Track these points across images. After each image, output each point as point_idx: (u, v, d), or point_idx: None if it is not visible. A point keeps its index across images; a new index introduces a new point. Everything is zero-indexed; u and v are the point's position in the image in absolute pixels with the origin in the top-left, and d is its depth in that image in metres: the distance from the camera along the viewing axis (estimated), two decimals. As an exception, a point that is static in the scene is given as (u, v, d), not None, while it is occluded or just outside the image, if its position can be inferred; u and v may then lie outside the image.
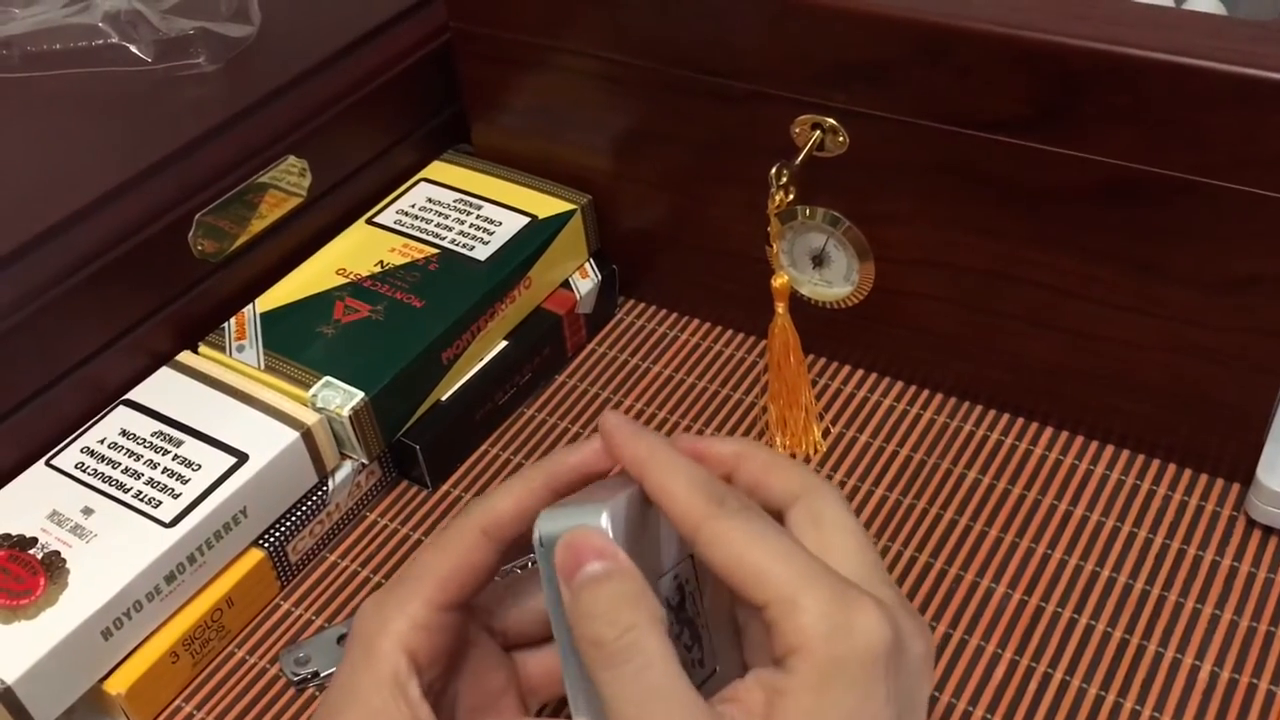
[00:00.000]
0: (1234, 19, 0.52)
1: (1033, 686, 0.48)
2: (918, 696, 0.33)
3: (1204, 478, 0.55)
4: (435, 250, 0.61)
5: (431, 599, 0.36)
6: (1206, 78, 0.44)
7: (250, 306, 0.59)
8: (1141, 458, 0.56)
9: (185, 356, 0.57)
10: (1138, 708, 0.46)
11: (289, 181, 0.61)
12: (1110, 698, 0.47)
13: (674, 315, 0.66)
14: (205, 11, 0.64)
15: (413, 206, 0.64)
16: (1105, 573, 0.51)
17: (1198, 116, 0.45)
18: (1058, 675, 0.48)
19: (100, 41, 0.63)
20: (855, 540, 0.35)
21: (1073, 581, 0.51)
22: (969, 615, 0.50)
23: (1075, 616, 0.50)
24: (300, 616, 0.53)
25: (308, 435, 0.53)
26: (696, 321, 0.66)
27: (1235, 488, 0.54)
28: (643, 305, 0.67)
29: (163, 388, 0.55)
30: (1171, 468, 0.55)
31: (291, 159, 0.60)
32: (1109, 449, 0.56)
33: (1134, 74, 0.45)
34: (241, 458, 0.52)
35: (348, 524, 0.57)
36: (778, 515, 0.36)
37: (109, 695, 0.48)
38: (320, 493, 0.55)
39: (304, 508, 0.54)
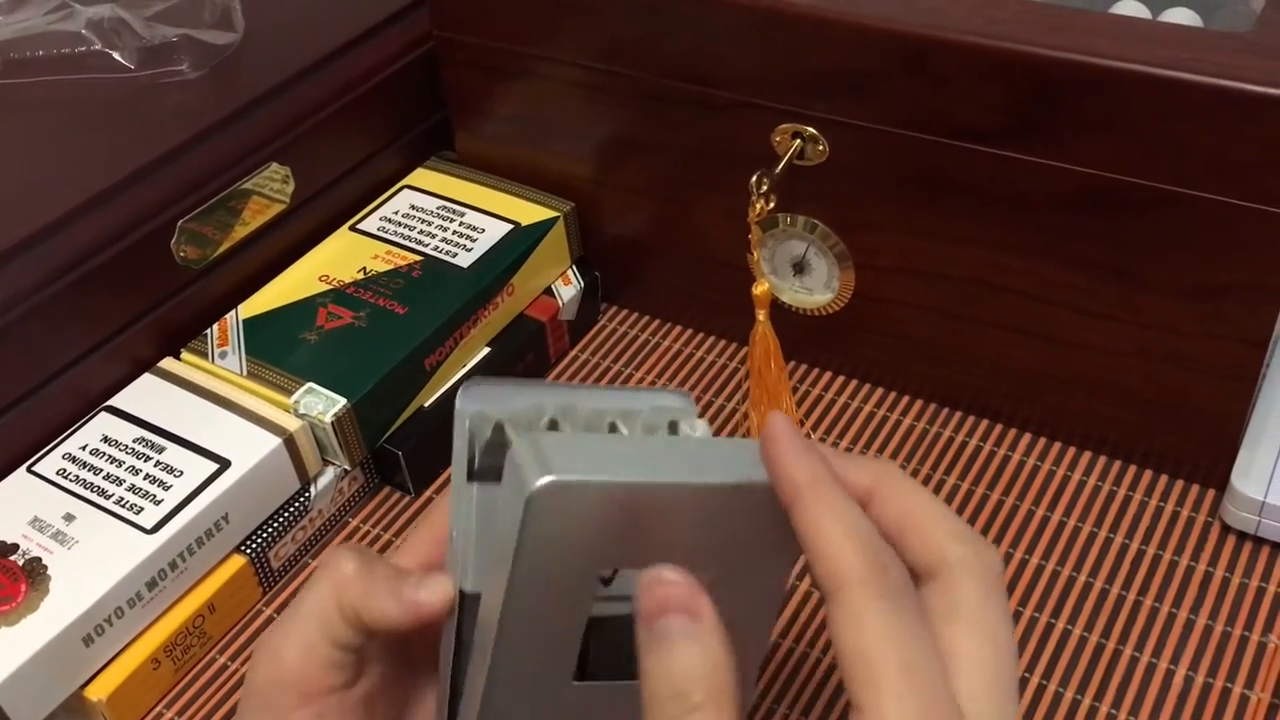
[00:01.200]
0: (1209, 30, 0.53)
1: (1010, 691, 0.48)
2: None
3: (1179, 483, 0.55)
4: (418, 257, 0.61)
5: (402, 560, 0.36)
6: (1181, 89, 0.45)
7: (233, 313, 0.59)
8: (1118, 463, 0.56)
9: (168, 363, 0.57)
10: (1114, 711, 0.47)
11: (272, 188, 0.61)
12: (1086, 701, 0.47)
13: (656, 322, 0.66)
14: (189, 18, 0.64)
15: (396, 213, 0.64)
16: (1082, 578, 0.52)
17: (1173, 127, 0.46)
18: (1034, 680, 0.48)
19: (83, 48, 0.63)
20: (989, 664, 0.29)
21: (1049, 586, 0.51)
22: (947, 620, 0.51)
23: (1052, 621, 0.50)
24: (282, 622, 0.53)
25: (290, 442, 0.53)
26: (679, 328, 0.66)
27: (1210, 493, 0.55)
28: (625, 312, 0.67)
29: (145, 394, 0.55)
30: (1147, 473, 0.56)
31: (275, 166, 0.60)
32: (1086, 455, 0.57)
33: (1110, 85, 0.46)
34: (224, 464, 0.52)
35: (330, 530, 0.57)
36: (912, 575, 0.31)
37: (90, 701, 0.48)
38: (302, 499, 0.55)
39: (286, 514, 0.54)
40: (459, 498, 0.34)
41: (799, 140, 0.54)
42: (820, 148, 0.54)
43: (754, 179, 0.54)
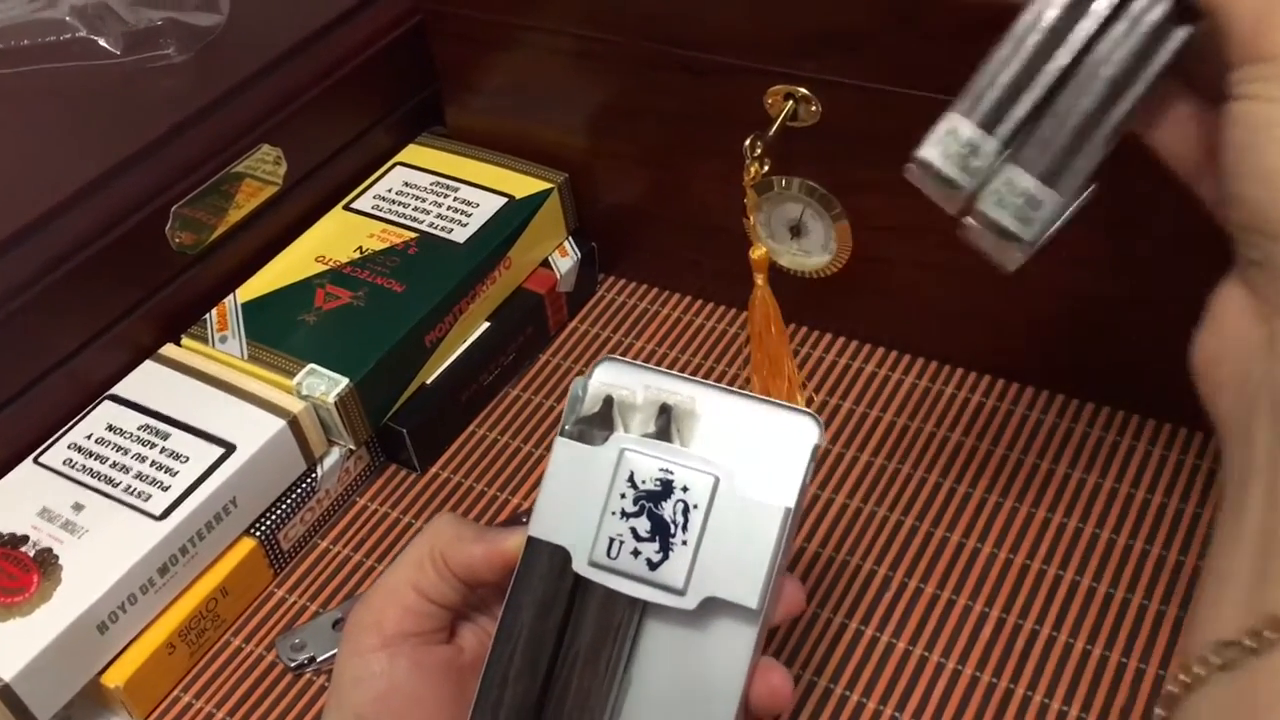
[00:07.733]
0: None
1: (1020, 643, 0.48)
2: None
3: (1183, 432, 0.55)
4: (414, 234, 0.61)
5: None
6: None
7: (231, 297, 0.59)
8: (1121, 414, 0.56)
9: (168, 349, 0.57)
10: (1123, 660, 0.47)
11: (264, 170, 0.60)
12: (1097, 652, 0.48)
13: (655, 290, 0.66)
14: (173, 2, 0.63)
15: (389, 191, 0.64)
16: (1089, 529, 0.52)
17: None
18: (1044, 630, 0.48)
19: (68, 36, 0.63)
20: None
21: (1057, 539, 0.52)
22: (956, 576, 0.51)
23: (1060, 573, 0.50)
24: (295, 603, 0.53)
25: (294, 423, 0.53)
26: (677, 296, 0.66)
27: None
28: (623, 282, 0.67)
29: (147, 381, 0.55)
30: (1151, 423, 0.56)
31: (266, 147, 0.60)
32: (1089, 407, 0.57)
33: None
34: (229, 448, 0.52)
35: (338, 510, 0.57)
36: None
37: (108, 688, 0.48)
38: (309, 480, 0.55)
39: (293, 495, 0.54)
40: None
41: (791, 101, 0.53)
42: (813, 108, 0.53)
43: (747, 142, 0.54)
